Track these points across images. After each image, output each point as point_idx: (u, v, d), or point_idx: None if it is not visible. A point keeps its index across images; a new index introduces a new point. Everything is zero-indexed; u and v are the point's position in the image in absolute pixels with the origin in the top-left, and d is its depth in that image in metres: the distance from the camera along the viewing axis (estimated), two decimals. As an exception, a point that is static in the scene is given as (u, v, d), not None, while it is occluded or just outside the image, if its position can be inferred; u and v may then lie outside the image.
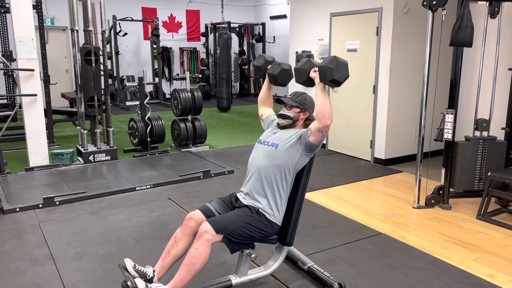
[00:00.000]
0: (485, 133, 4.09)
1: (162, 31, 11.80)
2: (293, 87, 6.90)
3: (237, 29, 12.61)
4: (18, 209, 3.93)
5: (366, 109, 5.66)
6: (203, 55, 12.98)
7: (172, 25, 12.48)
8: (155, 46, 11.28)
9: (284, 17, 11.91)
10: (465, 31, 3.64)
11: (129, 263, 2.41)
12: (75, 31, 5.33)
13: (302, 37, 6.64)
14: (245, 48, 12.87)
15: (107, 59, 6.37)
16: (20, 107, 5.23)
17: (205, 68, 12.70)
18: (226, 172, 5.13)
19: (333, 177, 5.05)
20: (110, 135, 5.76)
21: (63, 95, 8.77)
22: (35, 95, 5.10)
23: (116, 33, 10.77)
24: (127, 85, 9.17)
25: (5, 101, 9.33)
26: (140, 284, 2.21)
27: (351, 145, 5.99)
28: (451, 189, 4.10)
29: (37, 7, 6.24)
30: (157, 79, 11.49)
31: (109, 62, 9.64)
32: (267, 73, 2.73)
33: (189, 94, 6.28)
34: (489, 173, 3.78)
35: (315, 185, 4.65)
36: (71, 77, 10.97)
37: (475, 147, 4.03)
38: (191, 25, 12.78)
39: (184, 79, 11.48)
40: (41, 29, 6.31)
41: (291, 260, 2.90)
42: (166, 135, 6.41)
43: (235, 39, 12.39)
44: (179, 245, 2.42)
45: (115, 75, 10.75)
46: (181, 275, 2.27)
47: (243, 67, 12.95)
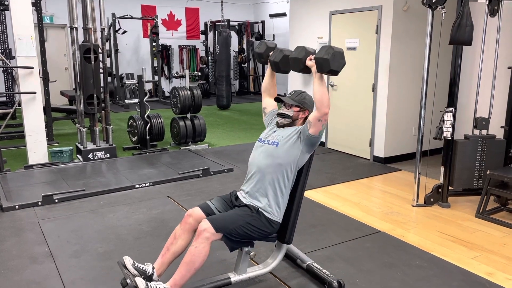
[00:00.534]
0: (484, 132, 4.09)
1: (161, 29, 11.79)
2: (292, 84, 6.90)
3: (237, 27, 12.60)
4: (17, 207, 3.93)
5: (365, 108, 5.66)
6: (202, 53, 12.97)
7: (171, 23, 12.46)
8: (154, 44, 11.26)
9: (283, 15, 11.90)
10: (464, 29, 3.64)
11: (128, 261, 2.41)
12: (74, 28, 5.32)
13: (301, 35, 6.64)
14: (245, 46, 12.86)
15: (107, 57, 6.36)
16: (19, 105, 5.22)
17: (205, 66, 12.69)
18: (225, 170, 5.13)
19: (332, 175, 5.05)
20: (109, 133, 5.75)
21: (62, 93, 8.77)
22: (34, 92, 5.09)
23: (115, 31, 10.75)
24: (127, 83, 9.19)
25: (4, 99, 9.32)
26: (140, 283, 2.20)
27: (351, 143, 5.99)
28: (450, 188, 4.11)
29: (36, 4, 6.23)
30: (156, 77, 11.48)
31: (108, 60, 9.62)
32: (269, 60, 2.67)
33: (189, 92, 6.27)
34: (488, 172, 3.79)
35: (314, 183, 4.66)
36: (70, 75, 10.97)
37: (474, 145, 4.03)
38: (191, 23, 12.76)
39: (183, 77, 11.46)
40: (40, 27, 6.30)
41: (290, 258, 2.90)
42: (165, 133, 6.41)
43: (234, 37, 12.38)
44: (179, 242, 2.43)
45: (114, 73, 10.74)
46: (181, 273, 2.27)
47: (242, 65, 12.94)
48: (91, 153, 5.54)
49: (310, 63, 2.38)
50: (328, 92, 2.44)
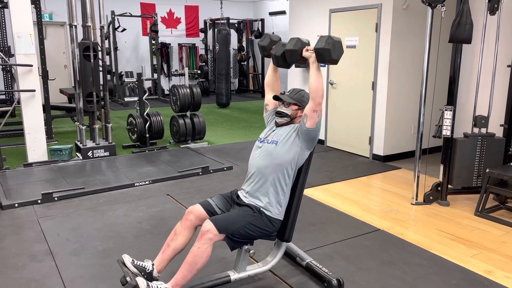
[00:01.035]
0: (483, 130, 4.09)
1: (160, 26, 11.76)
2: (292, 82, 6.90)
3: (236, 25, 12.57)
4: (16, 205, 3.93)
5: (365, 106, 5.65)
6: (202, 51, 12.95)
7: (171, 21, 12.44)
8: (153, 42, 11.25)
9: (283, 13, 11.88)
10: (464, 27, 3.64)
11: (127, 259, 2.41)
12: (74, 26, 5.30)
13: (301, 33, 6.63)
14: (244, 44, 12.84)
15: (106, 55, 6.36)
16: (18, 102, 5.21)
17: (204, 64, 12.68)
18: (225, 168, 5.13)
19: (331, 173, 5.06)
20: (108, 131, 5.75)
21: (61, 91, 8.75)
22: (34, 90, 5.08)
23: (114, 29, 10.73)
24: (126, 81, 9.16)
25: (4, 97, 9.31)
26: (141, 283, 2.20)
27: (350, 142, 5.99)
28: (449, 186, 4.11)
29: (35, 2, 6.21)
30: (155, 75, 11.47)
31: (107, 57, 9.60)
32: (271, 54, 2.65)
33: (188, 90, 6.27)
34: (488, 170, 3.79)
35: (313, 182, 4.66)
36: (70, 73, 10.95)
37: (474, 143, 4.04)
38: (190, 20, 12.74)
39: (183, 75, 11.46)
40: (40, 25, 6.29)
41: (289, 256, 2.90)
42: (165, 131, 6.40)
43: (234, 35, 12.35)
44: (179, 238, 2.43)
45: (113, 71, 10.72)
46: (183, 273, 2.28)
47: (242, 63, 12.92)
48: (91, 151, 5.54)
49: (307, 53, 2.39)
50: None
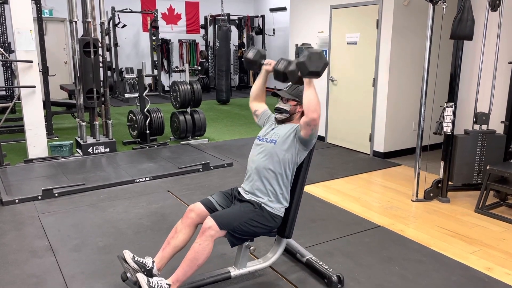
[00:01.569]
0: (484, 127, 4.09)
1: (161, 23, 11.74)
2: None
3: (237, 21, 12.54)
4: (17, 201, 3.93)
5: (365, 102, 5.65)
6: (202, 48, 12.93)
7: (171, 17, 12.42)
8: (154, 38, 11.22)
9: (284, 9, 11.85)
10: (465, 24, 3.63)
11: (128, 255, 2.41)
12: (74, 22, 5.29)
13: (302, 30, 6.62)
14: (245, 40, 12.82)
15: (106, 51, 6.33)
16: (18, 98, 5.21)
17: (205, 60, 12.65)
18: (225, 164, 5.13)
19: (332, 170, 5.06)
20: (109, 127, 5.75)
21: (62, 87, 8.75)
22: (34, 86, 5.08)
23: (115, 25, 10.71)
24: (126, 77, 9.16)
25: (4, 93, 9.30)
26: (141, 279, 2.20)
27: (350, 138, 5.99)
28: (449, 183, 4.11)
29: (36, -2, 6.21)
30: (156, 72, 11.45)
31: (108, 54, 9.58)
32: (274, 69, 2.61)
33: (188, 86, 6.26)
34: (488, 167, 3.79)
35: (314, 178, 4.66)
36: (70, 69, 10.94)
37: (474, 140, 4.03)
38: (190, 17, 12.71)
39: (183, 71, 11.42)
40: (40, 20, 6.27)
41: (290, 252, 2.91)
42: (165, 127, 6.40)
43: (234, 31, 12.32)
44: (180, 236, 2.44)
45: (114, 67, 10.70)
46: (183, 269, 2.28)
47: (242, 60, 12.87)
48: (91, 147, 5.54)
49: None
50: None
